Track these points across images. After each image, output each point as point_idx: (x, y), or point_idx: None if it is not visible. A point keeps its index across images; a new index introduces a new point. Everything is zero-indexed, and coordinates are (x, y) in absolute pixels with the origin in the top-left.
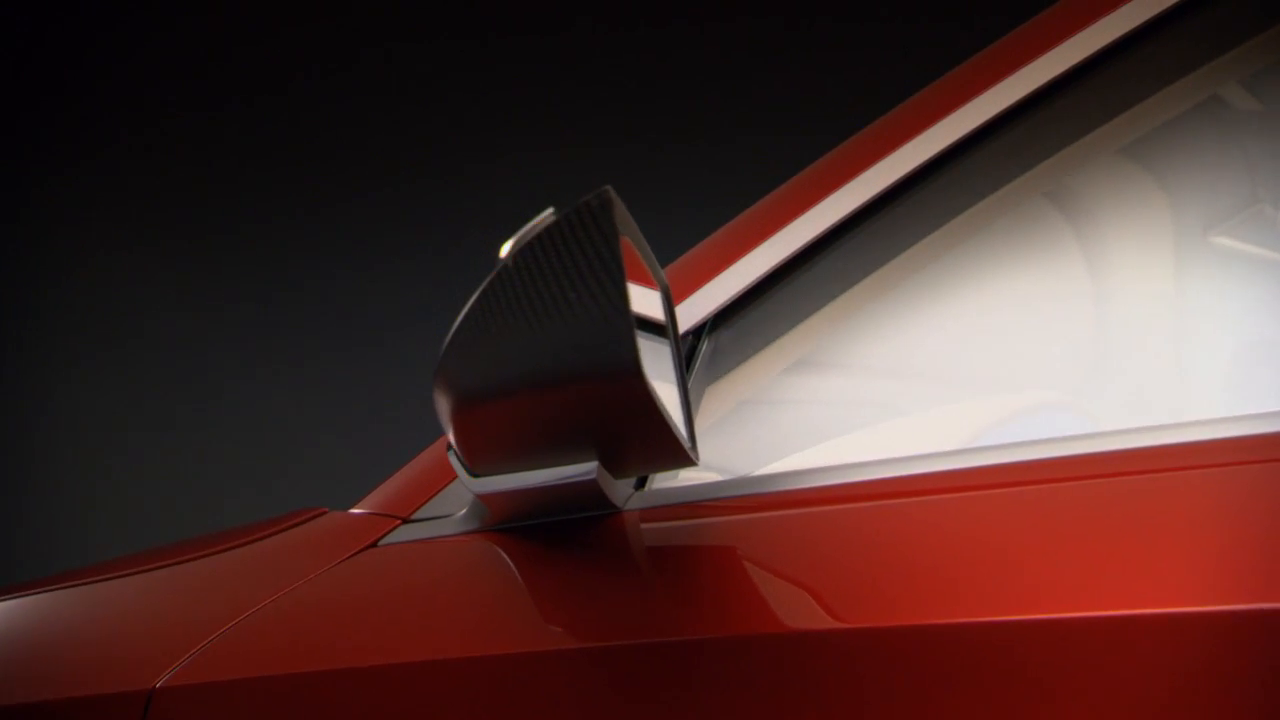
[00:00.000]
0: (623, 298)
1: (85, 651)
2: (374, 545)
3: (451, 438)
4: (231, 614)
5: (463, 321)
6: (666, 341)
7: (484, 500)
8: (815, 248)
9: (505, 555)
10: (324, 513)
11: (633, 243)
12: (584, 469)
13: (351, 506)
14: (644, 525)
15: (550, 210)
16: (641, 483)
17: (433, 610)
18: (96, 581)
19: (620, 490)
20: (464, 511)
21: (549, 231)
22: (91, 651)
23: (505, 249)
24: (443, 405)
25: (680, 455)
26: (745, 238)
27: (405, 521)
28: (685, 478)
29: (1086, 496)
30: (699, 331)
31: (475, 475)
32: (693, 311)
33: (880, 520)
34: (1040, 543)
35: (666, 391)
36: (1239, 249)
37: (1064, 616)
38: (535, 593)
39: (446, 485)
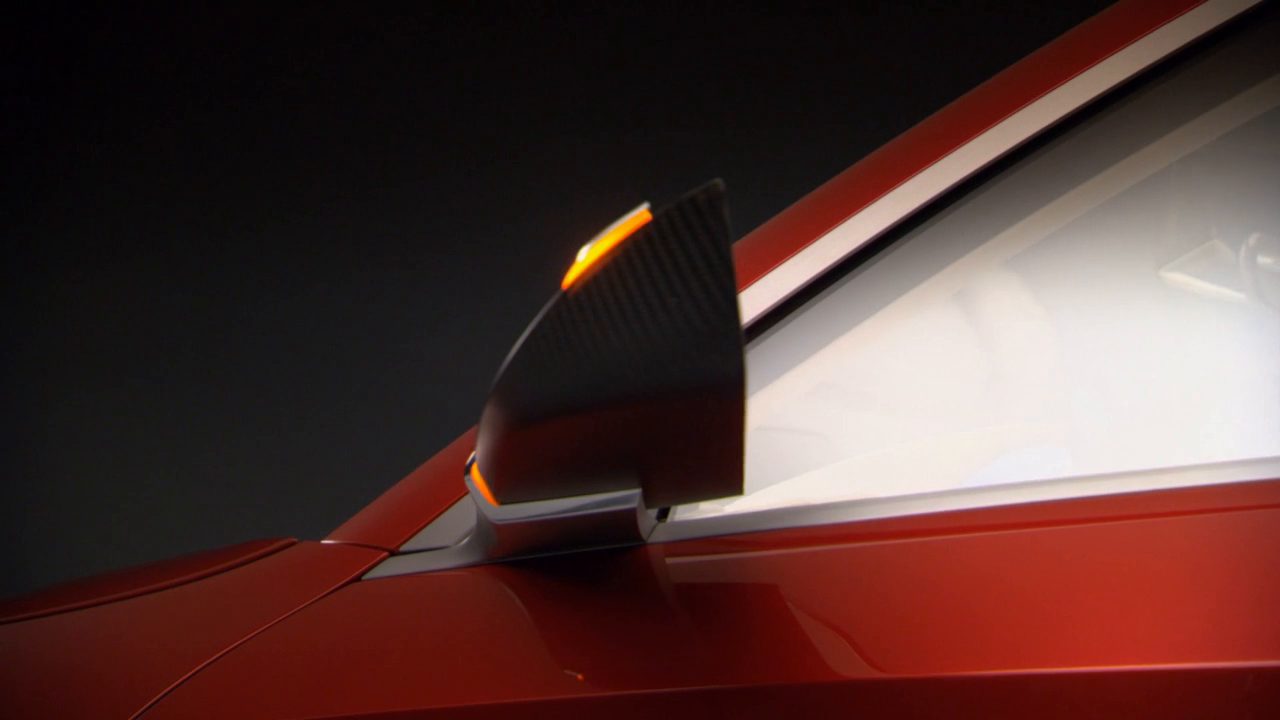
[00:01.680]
0: (732, 304)
1: (22, 703)
2: (358, 579)
3: (486, 461)
4: (196, 658)
5: (534, 331)
6: None
7: (500, 531)
8: (845, 266)
9: (514, 592)
10: (293, 543)
11: None
12: (625, 496)
13: (323, 537)
14: (669, 560)
15: (645, 206)
16: (664, 513)
17: (434, 652)
18: (31, 619)
19: (647, 521)
20: (464, 542)
21: (647, 230)
22: (29, 702)
23: (583, 252)
24: (495, 424)
25: (733, 483)
26: (769, 253)
27: (394, 554)
28: (705, 509)
29: (1142, 537)
30: None
31: (498, 503)
32: None
33: (924, 559)
34: (1093, 587)
35: None
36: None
37: (1120, 669)
38: (551, 634)
39: (440, 514)
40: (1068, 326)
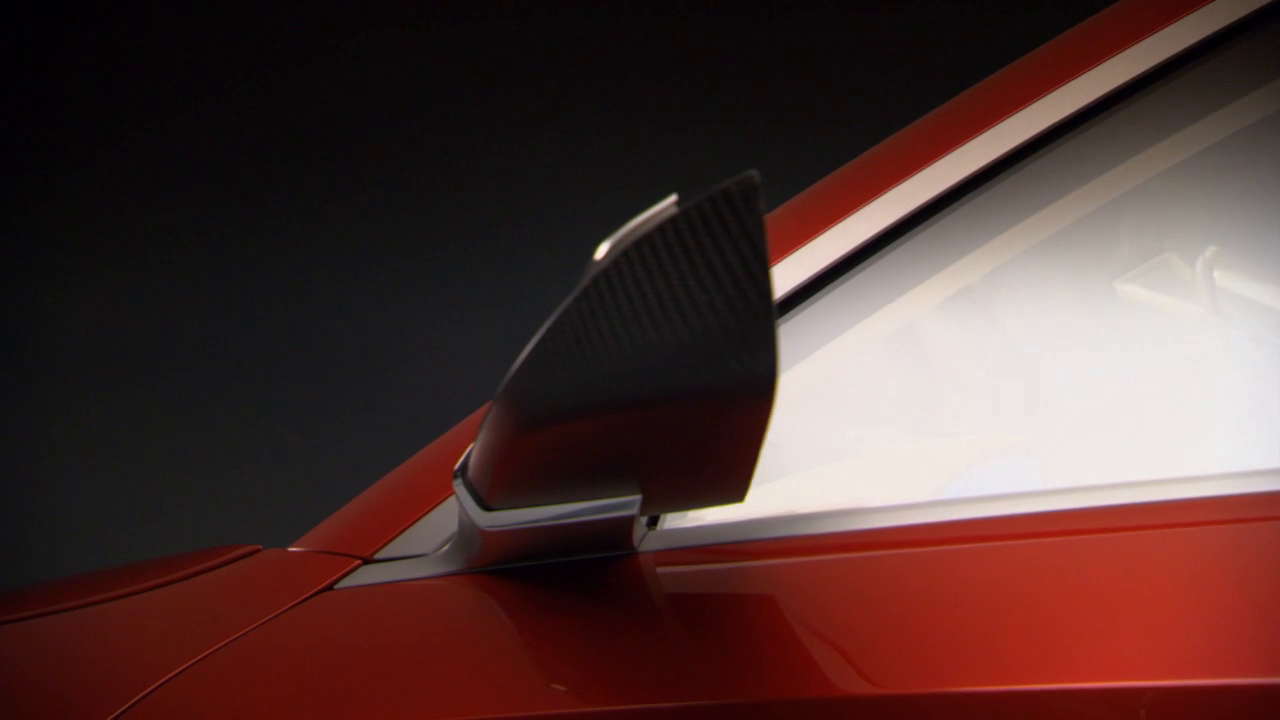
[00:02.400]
0: (767, 302)
1: None
2: (329, 588)
3: (484, 463)
4: (154, 673)
5: (551, 329)
6: None
7: (487, 537)
8: (841, 267)
9: (498, 602)
10: (257, 550)
11: None
12: (624, 503)
13: (290, 545)
14: (661, 569)
15: (673, 198)
16: (652, 521)
17: (413, 664)
18: None
19: (638, 529)
20: (444, 549)
21: (675, 222)
22: None
23: (602, 250)
24: (501, 425)
25: (739, 490)
26: None
27: (367, 561)
28: (692, 517)
29: (1160, 549)
30: None
31: (488, 509)
32: None
33: (921, 570)
34: (1099, 599)
35: None
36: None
37: (1133, 685)
38: (537, 645)
39: (417, 520)
40: (1048, 335)
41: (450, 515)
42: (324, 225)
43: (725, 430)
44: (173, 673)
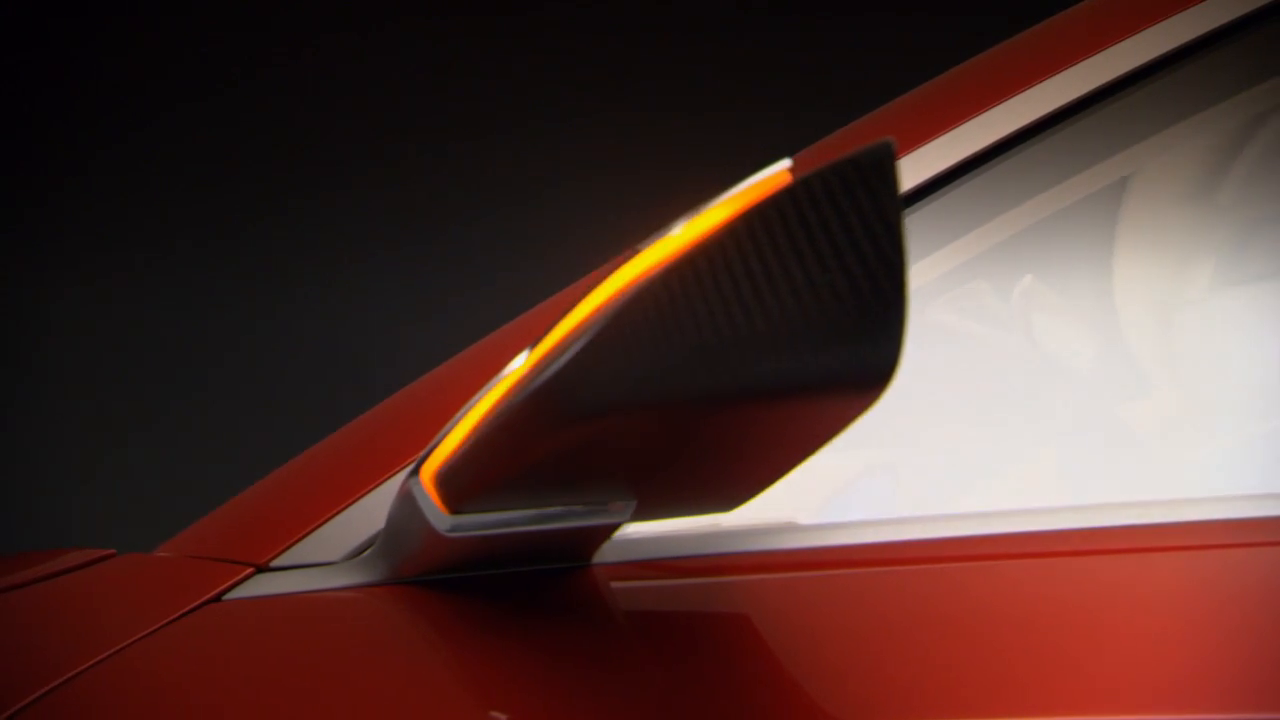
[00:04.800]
0: (898, 283)
1: None
2: (217, 599)
3: (474, 462)
4: (6, 701)
5: (624, 309)
6: None
7: (437, 544)
8: None
9: (428, 619)
10: (112, 554)
11: None
12: (618, 508)
13: (155, 549)
14: (615, 584)
15: (786, 163)
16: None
17: (331, 690)
18: None
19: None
20: (362, 555)
21: (793, 192)
22: None
23: (679, 225)
24: (531, 418)
25: (739, 498)
26: None
27: (261, 570)
28: (643, 528)
29: (1151, 572)
30: None
31: (454, 512)
32: None
33: (894, 588)
34: (1072, 625)
35: None
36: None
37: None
38: (477, 669)
39: (321, 524)
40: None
41: (360, 518)
42: (312, 227)
43: (790, 428)
44: (28, 699)
